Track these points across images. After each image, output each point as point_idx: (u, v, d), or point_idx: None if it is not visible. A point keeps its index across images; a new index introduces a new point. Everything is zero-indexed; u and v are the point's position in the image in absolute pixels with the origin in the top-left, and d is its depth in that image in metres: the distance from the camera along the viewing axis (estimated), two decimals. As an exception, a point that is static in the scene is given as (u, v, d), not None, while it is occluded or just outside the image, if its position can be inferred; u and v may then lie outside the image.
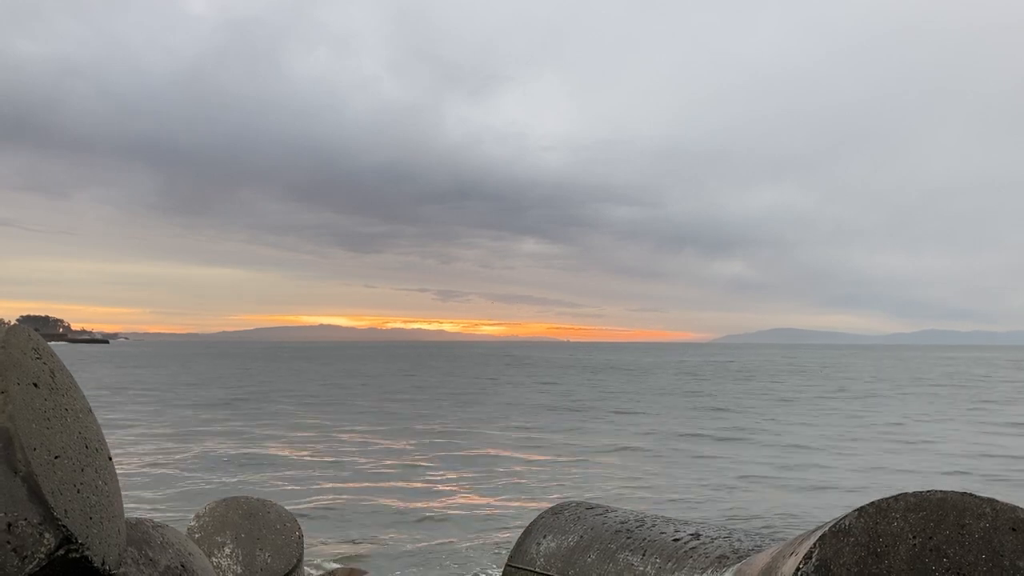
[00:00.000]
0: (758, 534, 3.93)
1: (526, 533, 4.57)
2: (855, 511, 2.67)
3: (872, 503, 2.66)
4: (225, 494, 9.06)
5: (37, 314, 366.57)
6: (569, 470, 24.41)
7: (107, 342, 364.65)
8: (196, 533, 5.62)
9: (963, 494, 2.63)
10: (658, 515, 4.42)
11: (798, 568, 2.63)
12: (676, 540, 3.94)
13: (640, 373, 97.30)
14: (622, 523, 4.28)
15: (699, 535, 3.94)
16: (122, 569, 3.04)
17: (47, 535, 2.60)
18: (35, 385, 2.87)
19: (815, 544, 2.65)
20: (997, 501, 2.63)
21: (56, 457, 2.79)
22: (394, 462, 25.66)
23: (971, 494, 2.64)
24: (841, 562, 2.61)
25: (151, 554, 3.30)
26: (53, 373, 3.02)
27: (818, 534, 2.69)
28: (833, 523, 2.68)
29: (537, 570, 4.29)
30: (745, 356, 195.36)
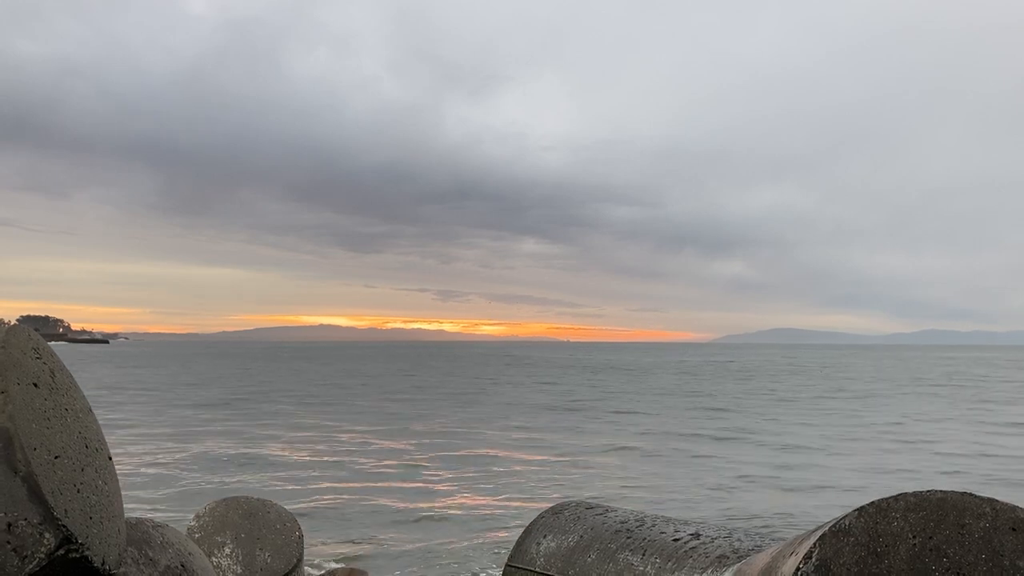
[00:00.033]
0: (758, 534, 3.93)
1: (526, 533, 4.57)
2: (855, 511, 2.67)
3: (872, 503, 2.66)
4: (225, 494, 9.06)
5: (37, 314, 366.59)
6: (569, 470, 24.42)
7: (107, 342, 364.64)
8: (196, 533, 5.62)
9: (963, 494, 2.63)
10: (658, 515, 4.42)
11: (798, 568, 2.63)
12: (676, 540, 3.94)
13: (640, 373, 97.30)
14: (622, 523, 4.28)
15: (699, 535, 3.94)
16: (122, 569, 3.04)
17: (47, 535, 2.60)
18: (35, 385, 2.87)
19: (815, 544, 2.65)
20: (997, 501, 2.63)
21: (56, 457, 2.79)
22: (394, 462, 25.67)
23: (971, 494, 2.64)
24: (841, 562, 2.61)
25: (151, 554, 3.30)
26: (53, 373, 3.02)
27: (818, 534, 2.69)
28: (833, 523, 2.68)
29: (537, 570, 4.29)
30: (745, 356, 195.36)
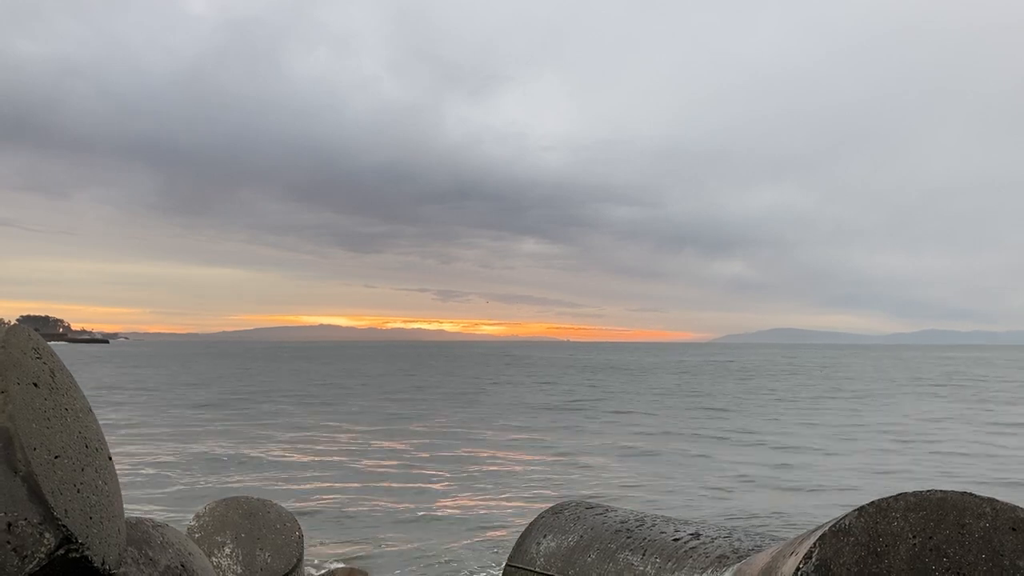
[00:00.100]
0: (758, 534, 3.93)
1: (526, 533, 4.56)
2: (855, 511, 2.67)
3: (872, 503, 2.66)
4: (225, 494, 9.06)
5: (37, 314, 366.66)
6: (569, 470, 24.42)
7: (107, 342, 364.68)
8: (196, 533, 5.62)
9: (963, 494, 2.63)
10: (658, 515, 4.42)
11: (798, 568, 2.63)
12: (676, 540, 3.94)
13: (640, 373, 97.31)
14: (622, 523, 4.28)
15: (699, 535, 3.94)
16: (122, 569, 3.04)
17: (47, 535, 2.60)
18: (35, 385, 2.87)
19: (815, 544, 2.64)
20: (997, 501, 2.63)
21: (56, 457, 2.79)
22: (394, 462, 25.67)
23: (971, 494, 2.64)
24: (841, 562, 2.60)
25: (151, 554, 3.30)
26: (53, 373, 3.02)
27: (818, 534, 2.69)
28: (833, 523, 2.67)
29: (537, 570, 4.29)
30: (745, 356, 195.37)
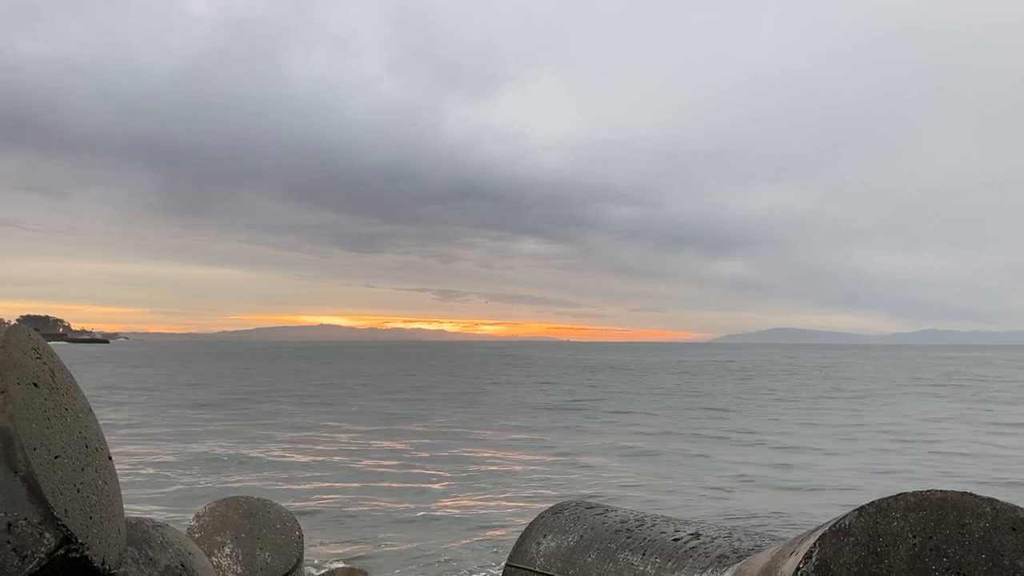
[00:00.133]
0: (758, 534, 3.93)
1: (526, 532, 4.56)
2: (855, 511, 2.67)
3: (872, 503, 2.66)
4: (225, 494, 9.06)
5: (37, 314, 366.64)
6: (569, 470, 24.42)
7: (107, 342, 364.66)
8: (196, 533, 5.62)
9: (963, 494, 2.63)
10: (658, 515, 4.42)
11: (798, 567, 2.63)
12: (676, 540, 3.94)
13: (640, 373, 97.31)
14: (622, 523, 4.28)
15: (699, 535, 3.94)
16: (122, 569, 3.04)
17: (47, 535, 2.60)
18: (35, 385, 2.87)
19: (815, 544, 2.64)
20: (997, 501, 2.63)
21: (56, 457, 2.79)
22: (394, 462, 25.67)
23: (971, 494, 2.64)
24: (841, 562, 2.60)
25: (151, 554, 3.30)
26: (53, 373, 3.02)
27: (818, 534, 2.69)
28: (833, 523, 2.67)
29: (537, 570, 4.29)
30: (745, 356, 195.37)
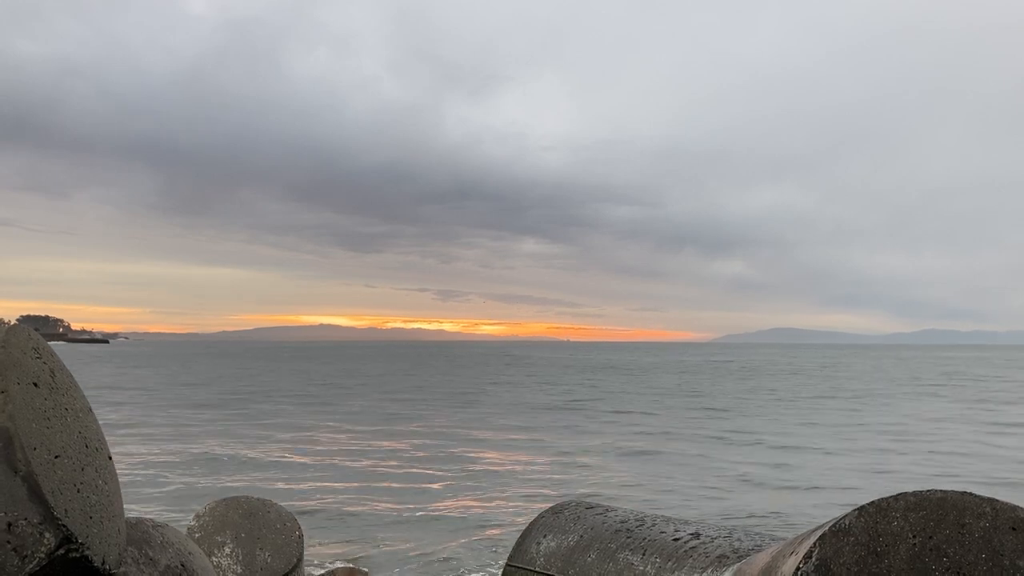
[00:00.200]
0: (758, 533, 3.92)
1: (526, 532, 4.56)
2: (855, 510, 2.66)
3: (872, 502, 2.66)
4: (225, 494, 9.06)
5: (37, 314, 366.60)
6: (569, 470, 24.42)
7: (107, 342, 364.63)
8: (196, 533, 5.62)
9: (963, 493, 2.63)
10: (658, 515, 4.42)
11: (798, 567, 2.63)
12: (676, 539, 3.94)
13: (640, 373, 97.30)
14: (622, 522, 4.28)
15: (699, 534, 3.94)
16: (122, 569, 3.04)
17: (47, 535, 2.60)
18: (35, 384, 2.86)
19: (815, 543, 2.64)
20: (997, 500, 2.63)
21: (56, 456, 2.79)
22: (394, 462, 25.67)
23: (971, 493, 2.64)
24: (841, 561, 2.60)
25: (151, 553, 3.30)
26: (53, 373, 3.02)
27: (818, 533, 2.69)
28: (833, 522, 2.67)
29: (537, 569, 4.28)
30: (745, 356, 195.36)
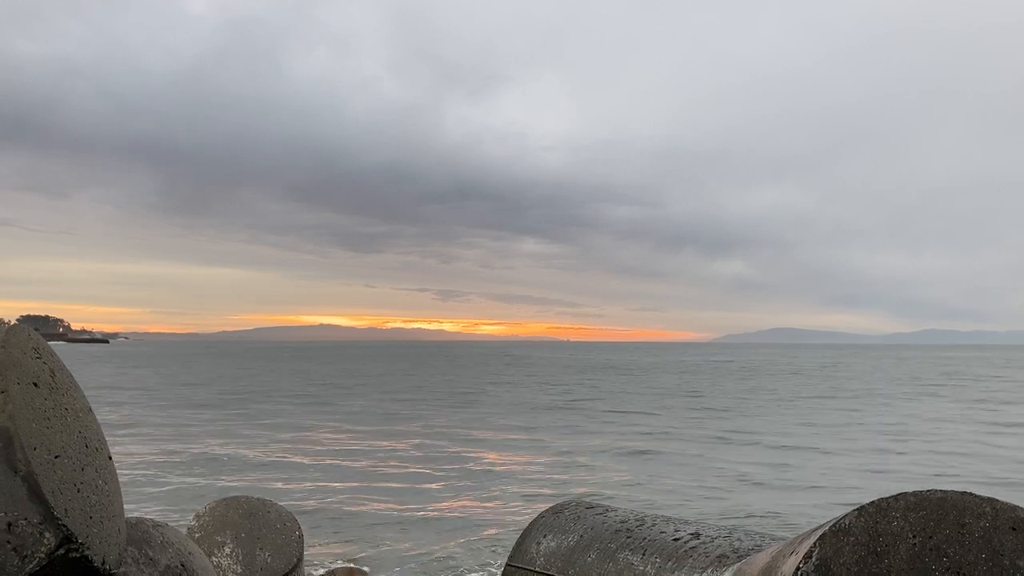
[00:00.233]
0: (758, 533, 3.92)
1: (526, 532, 4.56)
2: (855, 510, 2.66)
3: (872, 502, 2.65)
4: (225, 494, 9.06)
5: (37, 314, 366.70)
6: (569, 470, 24.42)
7: (107, 342, 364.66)
8: (196, 533, 5.61)
9: (963, 493, 2.63)
10: (658, 515, 4.42)
11: (798, 567, 2.63)
12: (676, 539, 3.94)
13: (640, 373, 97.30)
14: (622, 522, 4.28)
15: (699, 534, 3.94)
16: (122, 568, 3.04)
17: (47, 535, 2.60)
18: (35, 384, 2.86)
19: (815, 543, 2.64)
20: (997, 500, 2.63)
21: (56, 456, 2.79)
22: (394, 462, 25.67)
23: (971, 493, 2.64)
24: (841, 561, 2.60)
25: (151, 553, 3.30)
26: (53, 373, 3.02)
27: (818, 533, 2.69)
28: (833, 522, 2.67)
29: (537, 569, 4.28)
30: (745, 356, 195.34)
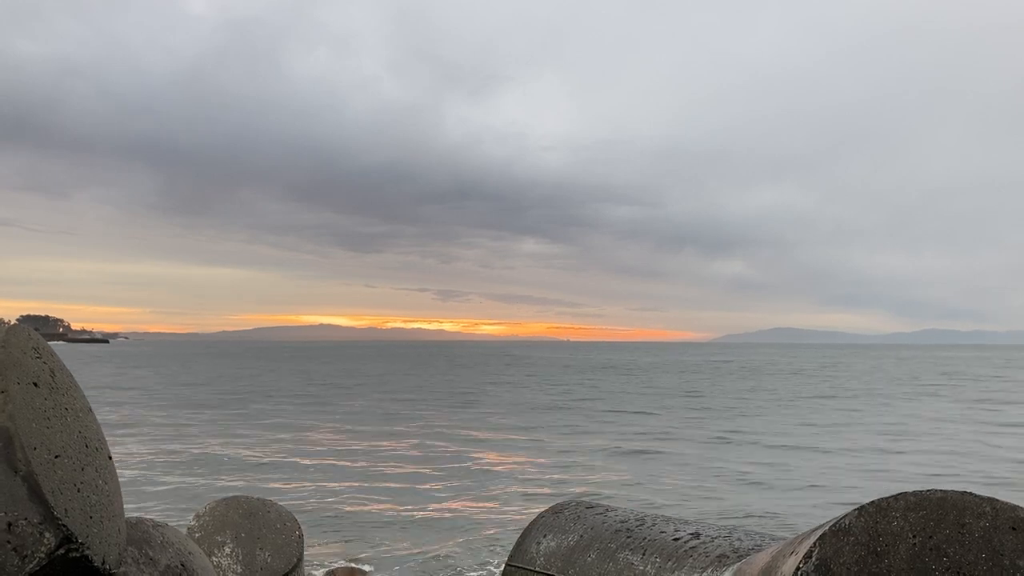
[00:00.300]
0: (758, 533, 3.93)
1: (526, 532, 4.57)
2: (855, 510, 2.66)
3: (872, 502, 2.66)
4: (225, 494, 9.06)
5: (37, 314, 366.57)
6: (568, 470, 24.42)
7: (107, 342, 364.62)
8: (196, 533, 5.62)
9: (963, 493, 2.63)
10: (658, 514, 4.42)
11: (798, 567, 2.63)
12: (676, 539, 3.94)
13: (640, 373, 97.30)
14: (622, 522, 4.28)
15: (699, 534, 3.94)
16: (122, 568, 3.04)
17: (47, 534, 2.60)
18: (35, 384, 2.86)
19: (815, 543, 2.64)
20: (997, 500, 2.63)
21: (56, 456, 2.79)
22: (394, 462, 25.67)
23: (971, 493, 2.64)
24: (841, 561, 2.60)
25: (151, 553, 3.30)
26: (53, 372, 3.02)
27: (818, 533, 2.69)
28: (833, 522, 2.67)
29: (537, 569, 4.29)
30: (745, 356, 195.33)
